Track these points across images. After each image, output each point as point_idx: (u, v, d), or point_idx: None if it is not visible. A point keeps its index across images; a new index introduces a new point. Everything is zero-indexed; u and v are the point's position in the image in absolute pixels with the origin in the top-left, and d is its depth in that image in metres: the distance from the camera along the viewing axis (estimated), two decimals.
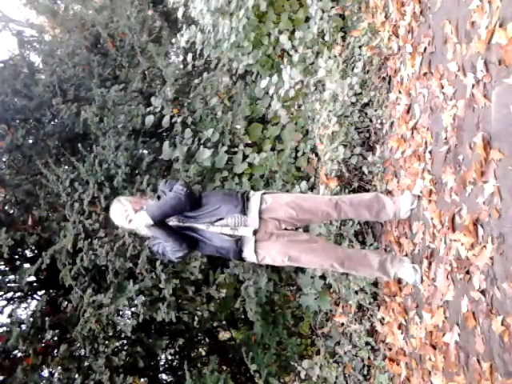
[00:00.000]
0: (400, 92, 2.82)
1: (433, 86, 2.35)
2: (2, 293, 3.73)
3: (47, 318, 3.40)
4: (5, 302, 3.73)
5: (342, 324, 3.13)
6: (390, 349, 2.83)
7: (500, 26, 1.75)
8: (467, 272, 1.98)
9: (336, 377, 3.05)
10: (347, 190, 3.08)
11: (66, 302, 3.67)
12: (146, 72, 4.57)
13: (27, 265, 3.78)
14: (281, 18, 3.80)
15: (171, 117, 4.07)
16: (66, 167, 3.95)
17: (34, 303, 3.82)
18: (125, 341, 3.84)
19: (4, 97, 4.02)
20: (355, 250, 2.69)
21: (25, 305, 3.88)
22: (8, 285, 3.71)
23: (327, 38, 3.47)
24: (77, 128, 4.09)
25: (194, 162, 3.79)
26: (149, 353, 3.64)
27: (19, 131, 3.90)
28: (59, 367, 3.39)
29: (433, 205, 2.33)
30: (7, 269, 3.74)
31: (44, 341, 3.43)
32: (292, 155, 3.68)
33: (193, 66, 4.63)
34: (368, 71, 3.17)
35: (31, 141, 4.14)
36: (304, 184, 3.47)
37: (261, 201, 2.39)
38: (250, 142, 4.04)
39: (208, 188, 3.80)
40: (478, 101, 1.89)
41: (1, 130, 3.90)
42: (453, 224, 2.12)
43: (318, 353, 3.20)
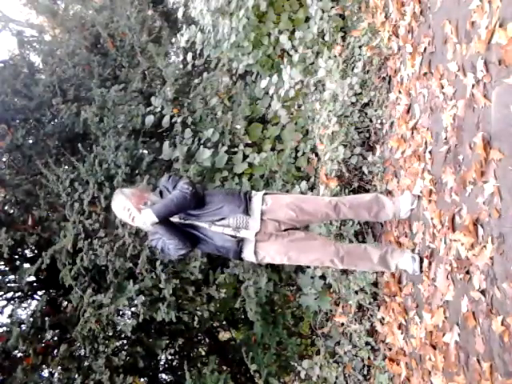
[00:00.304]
0: (400, 92, 2.82)
1: (433, 86, 2.35)
2: (2, 293, 3.73)
3: (47, 318, 3.40)
4: (5, 302, 3.73)
5: (342, 324, 3.13)
6: (390, 349, 2.83)
7: (500, 26, 1.75)
8: (467, 272, 1.98)
9: (336, 377, 3.05)
10: (347, 190, 3.08)
11: (66, 302, 3.68)
12: (146, 72, 4.57)
13: (27, 265, 3.78)
14: (281, 18, 3.80)
15: (171, 117, 4.07)
16: (66, 167, 3.95)
17: (34, 303, 3.83)
18: (125, 341, 3.84)
19: (4, 97, 4.02)
20: (355, 245, 2.69)
21: (25, 305, 3.88)
22: (8, 285, 3.71)
23: (327, 38, 3.47)
24: (77, 128, 4.09)
25: (194, 162, 3.79)
26: (149, 353, 3.63)
27: (19, 131, 3.90)
28: (59, 367, 3.39)
29: (433, 205, 2.33)
30: (7, 269, 3.74)
31: (44, 341, 3.44)
32: (292, 155, 3.68)
33: (193, 66, 4.63)
34: (368, 71, 3.17)
35: (31, 141, 4.14)
36: (304, 184, 3.47)
37: (262, 202, 2.40)
38: (250, 142, 4.04)
39: (208, 188, 3.80)
40: (478, 101, 1.89)
41: (1, 130, 3.90)
42: (453, 224, 2.12)
43: (318, 353, 3.20)
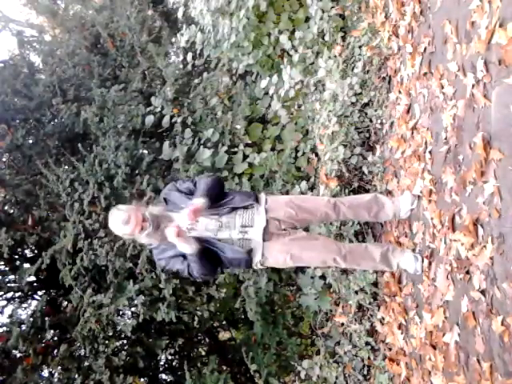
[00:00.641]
0: (400, 92, 2.82)
1: (433, 86, 2.36)
2: (2, 293, 3.73)
3: (47, 318, 3.40)
4: (5, 302, 3.73)
5: (342, 324, 3.12)
6: (390, 349, 2.83)
7: (500, 26, 1.75)
8: (467, 272, 1.98)
9: (336, 377, 3.04)
10: (347, 190, 3.08)
11: (66, 302, 3.68)
12: (146, 72, 4.57)
13: (27, 265, 3.78)
14: (281, 18, 3.80)
15: (171, 117, 4.07)
16: (66, 167, 3.95)
17: (34, 303, 3.82)
18: (125, 341, 3.84)
19: (4, 97, 4.02)
20: (356, 244, 2.69)
21: (25, 305, 3.88)
22: (8, 285, 3.71)
23: (327, 38, 3.47)
24: (77, 128, 4.09)
25: (194, 162, 3.79)
26: (149, 353, 3.63)
27: (19, 131, 3.90)
28: (59, 367, 3.39)
29: (433, 205, 2.33)
30: (7, 269, 3.74)
31: (44, 341, 3.43)
32: (292, 155, 3.68)
33: (193, 66, 4.63)
34: (368, 71, 3.17)
35: (31, 141, 4.14)
36: (304, 184, 3.47)
37: (265, 201, 2.41)
38: (250, 142, 4.04)
39: None
40: (478, 101, 1.89)
41: (1, 130, 3.90)
42: (453, 224, 2.12)
43: (318, 353, 3.20)
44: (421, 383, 2.42)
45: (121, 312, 4.01)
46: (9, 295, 3.81)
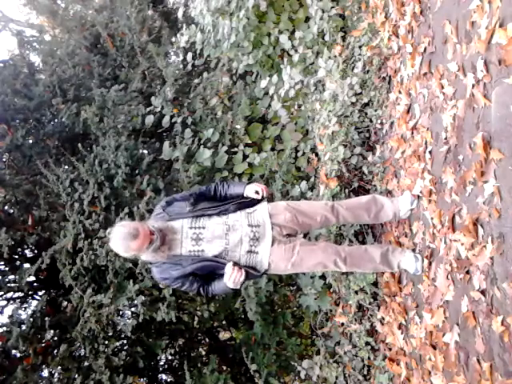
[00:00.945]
0: (400, 92, 2.82)
1: (433, 86, 2.36)
2: (2, 293, 3.73)
3: (47, 318, 3.40)
4: (5, 302, 3.73)
5: (342, 324, 3.12)
6: (390, 349, 2.83)
7: (500, 26, 1.75)
8: (467, 272, 1.98)
9: (336, 377, 3.04)
10: (347, 190, 3.08)
11: (66, 302, 3.67)
12: (146, 72, 4.57)
13: (27, 265, 3.78)
14: (281, 18, 3.80)
15: (171, 117, 4.07)
16: (66, 167, 3.96)
17: (34, 303, 3.82)
18: (125, 341, 3.84)
19: (4, 97, 4.02)
20: (355, 247, 2.68)
21: (25, 305, 3.88)
22: (8, 285, 3.71)
23: (327, 38, 3.47)
24: (77, 128, 4.09)
25: (194, 162, 3.79)
26: (149, 353, 3.63)
27: (19, 131, 3.90)
28: (59, 367, 3.39)
29: (433, 205, 2.33)
30: (7, 269, 3.74)
31: (44, 341, 3.43)
32: (292, 155, 3.68)
33: (193, 66, 4.63)
34: (368, 71, 3.17)
35: (31, 141, 4.14)
36: (304, 184, 3.47)
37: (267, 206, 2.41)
38: (250, 142, 4.04)
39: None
40: (478, 101, 1.89)
41: (1, 130, 3.90)
42: (453, 224, 2.12)
43: (318, 353, 3.20)
44: (421, 383, 2.43)
45: (121, 312, 4.01)
46: (9, 295, 3.81)
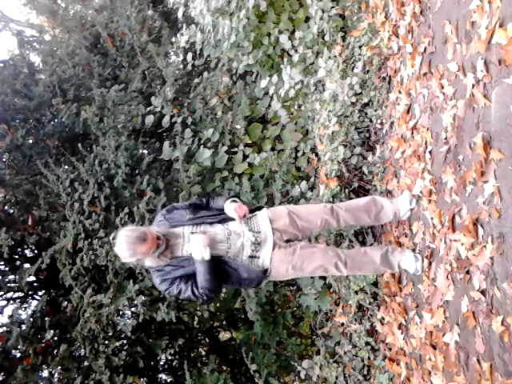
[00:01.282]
0: (400, 92, 2.82)
1: (433, 86, 2.36)
2: (2, 293, 3.73)
3: (47, 318, 3.40)
4: (5, 302, 3.73)
5: (342, 324, 3.13)
6: (390, 349, 2.83)
7: (500, 26, 1.75)
8: (467, 272, 1.98)
9: (336, 377, 3.04)
10: (347, 190, 3.08)
11: (66, 302, 3.67)
12: (146, 72, 4.57)
13: (27, 265, 3.78)
14: (281, 18, 3.80)
15: (171, 117, 4.07)
16: (66, 167, 3.96)
17: (34, 303, 3.82)
18: (125, 341, 3.84)
19: (4, 97, 4.02)
20: (355, 250, 2.68)
21: (25, 305, 3.88)
22: (8, 285, 3.71)
23: (327, 38, 3.47)
24: (77, 128, 4.09)
25: (194, 162, 3.79)
26: (149, 353, 3.63)
27: (19, 131, 3.90)
28: (59, 367, 3.39)
29: (433, 205, 2.33)
30: (7, 269, 3.74)
31: (44, 341, 3.43)
32: (292, 155, 3.68)
33: (193, 66, 4.63)
34: (368, 71, 3.17)
35: (31, 141, 4.14)
36: (304, 184, 3.47)
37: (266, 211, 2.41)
38: (250, 142, 4.04)
39: (208, 188, 3.80)
40: (478, 101, 1.89)
41: (1, 130, 3.90)
42: (453, 224, 2.12)
43: (318, 353, 3.20)
44: (421, 383, 2.43)
45: (121, 312, 4.00)
46: (9, 295, 3.81)
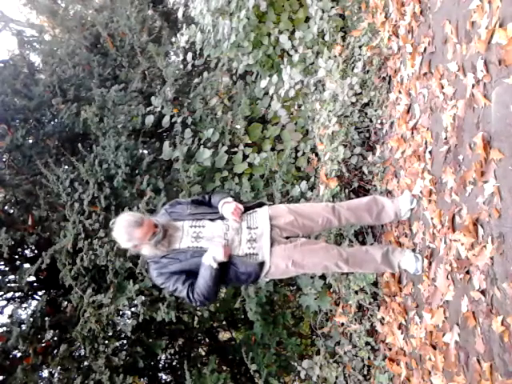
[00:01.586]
0: (400, 92, 2.82)
1: (433, 86, 2.36)
2: (2, 293, 3.73)
3: (47, 318, 3.40)
4: (5, 302, 3.73)
5: (342, 324, 3.13)
6: (390, 349, 2.83)
7: (500, 26, 1.75)
8: (467, 272, 1.98)
9: (336, 377, 3.04)
10: (347, 190, 3.08)
11: (66, 302, 3.68)
12: (146, 72, 4.57)
13: (27, 265, 3.78)
14: (281, 18, 3.80)
15: (171, 117, 4.07)
16: (66, 167, 3.96)
17: (34, 303, 3.82)
18: (125, 341, 3.84)
19: (4, 97, 4.02)
20: (356, 248, 2.69)
21: (25, 305, 3.88)
22: (8, 285, 3.71)
23: (327, 38, 3.47)
24: (77, 128, 4.09)
25: (194, 162, 3.79)
26: (149, 353, 3.63)
27: (19, 131, 3.90)
28: (59, 367, 3.39)
29: (433, 205, 2.33)
30: (7, 269, 3.74)
31: (44, 341, 3.43)
32: (292, 155, 3.68)
33: (193, 66, 4.63)
34: (368, 71, 3.17)
35: (31, 141, 4.14)
36: (304, 184, 3.47)
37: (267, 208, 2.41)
38: (250, 142, 4.04)
39: (208, 188, 3.81)
40: (478, 101, 1.89)
41: (1, 130, 3.90)
42: (453, 224, 2.12)
43: (318, 353, 3.20)
44: (421, 383, 2.43)
45: (121, 312, 4.00)
46: (9, 295, 3.81)
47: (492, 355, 1.81)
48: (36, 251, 3.91)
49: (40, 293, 3.96)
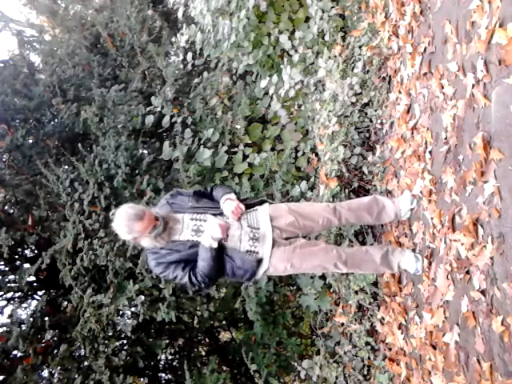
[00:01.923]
0: (400, 92, 2.82)
1: (433, 86, 2.36)
2: (2, 293, 3.73)
3: (47, 318, 3.40)
4: (5, 302, 3.73)
5: (342, 324, 3.13)
6: (390, 349, 2.83)
7: (500, 26, 1.75)
8: (467, 272, 1.98)
9: (336, 377, 3.04)
10: (347, 190, 3.08)
11: (66, 302, 3.68)
12: (146, 72, 4.57)
13: (27, 265, 3.78)
14: (281, 18, 3.80)
15: (171, 117, 4.07)
16: (66, 167, 3.96)
17: (34, 303, 3.82)
18: (125, 341, 3.84)
19: (4, 97, 4.02)
20: (356, 248, 2.68)
21: (25, 305, 3.88)
22: (8, 285, 3.71)
23: (327, 38, 3.47)
24: (77, 128, 4.09)
25: (194, 162, 3.79)
26: (149, 353, 3.63)
27: (19, 131, 3.90)
28: (59, 367, 3.39)
29: (433, 205, 2.33)
30: (7, 269, 3.74)
31: (44, 341, 3.44)
32: (292, 155, 3.68)
33: (193, 66, 4.63)
34: (368, 71, 3.17)
35: (31, 141, 4.14)
36: (304, 184, 3.47)
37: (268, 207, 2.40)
38: (250, 142, 4.04)
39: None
40: (478, 101, 1.89)
41: (1, 130, 3.90)
42: (453, 224, 2.12)
43: (318, 353, 3.20)
44: (421, 383, 2.42)
45: (121, 312, 4.01)
46: (9, 295, 3.81)
47: (492, 355, 1.81)
48: (36, 251, 3.91)
49: (40, 293, 3.96)
